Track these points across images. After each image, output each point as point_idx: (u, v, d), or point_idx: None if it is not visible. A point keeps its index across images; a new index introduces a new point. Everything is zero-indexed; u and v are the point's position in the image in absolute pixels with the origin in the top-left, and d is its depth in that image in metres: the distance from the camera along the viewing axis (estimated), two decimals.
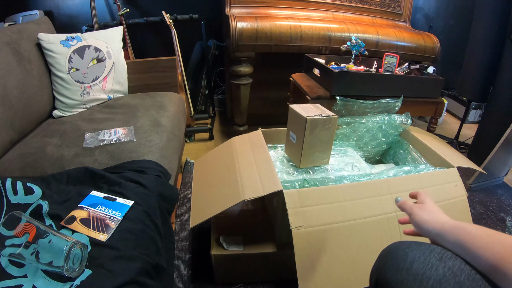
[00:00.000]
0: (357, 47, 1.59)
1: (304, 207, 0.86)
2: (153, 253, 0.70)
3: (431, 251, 0.47)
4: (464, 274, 0.43)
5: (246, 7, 1.72)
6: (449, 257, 0.46)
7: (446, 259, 0.45)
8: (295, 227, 0.83)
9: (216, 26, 2.20)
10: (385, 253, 0.53)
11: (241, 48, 1.57)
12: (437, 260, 0.45)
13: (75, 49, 1.26)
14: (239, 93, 1.71)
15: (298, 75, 1.75)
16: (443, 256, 0.46)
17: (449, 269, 0.44)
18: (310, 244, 0.84)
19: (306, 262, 0.83)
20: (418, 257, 0.47)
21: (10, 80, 1.04)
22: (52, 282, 0.59)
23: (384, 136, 1.34)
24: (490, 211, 1.44)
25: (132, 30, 2.08)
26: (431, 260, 0.46)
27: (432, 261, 0.45)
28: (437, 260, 0.45)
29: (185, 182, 1.57)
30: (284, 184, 0.96)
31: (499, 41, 1.62)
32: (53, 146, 0.99)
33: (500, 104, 1.62)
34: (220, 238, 1.01)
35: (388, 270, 0.49)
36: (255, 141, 1.15)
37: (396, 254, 0.50)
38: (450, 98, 2.65)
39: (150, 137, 1.06)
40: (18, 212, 0.64)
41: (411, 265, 0.46)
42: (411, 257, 0.47)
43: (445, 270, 0.44)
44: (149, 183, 0.85)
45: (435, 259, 0.46)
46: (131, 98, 1.36)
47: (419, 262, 0.46)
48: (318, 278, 0.83)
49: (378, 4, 1.95)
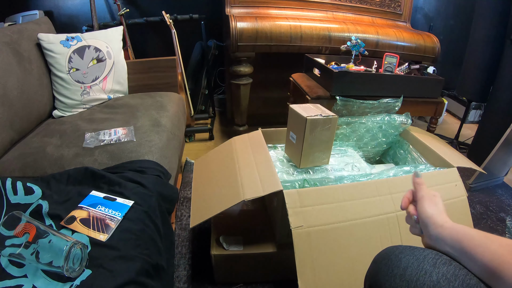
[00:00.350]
0: (357, 47, 1.59)
1: (304, 207, 0.86)
2: (153, 253, 0.70)
3: (424, 256, 0.47)
4: (459, 280, 0.42)
5: (246, 7, 1.72)
6: (443, 263, 0.45)
7: (440, 264, 0.45)
8: (295, 227, 0.83)
9: (216, 26, 2.20)
10: (378, 258, 0.53)
11: (241, 48, 1.57)
12: (431, 266, 0.45)
13: (75, 49, 1.26)
14: (239, 93, 1.71)
15: (298, 75, 1.75)
16: (437, 261, 0.46)
17: (443, 275, 0.43)
18: (310, 244, 0.84)
19: (306, 262, 0.83)
20: (411, 263, 0.46)
21: (10, 80, 1.04)
22: (52, 282, 0.59)
23: (384, 136, 1.34)
24: (490, 211, 1.44)
25: (132, 30, 2.08)
26: (425, 266, 0.45)
27: (425, 267, 0.45)
28: (430, 266, 0.45)
29: (185, 182, 1.57)
30: (284, 184, 0.96)
31: (499, 41, 1.62)
32: (53, 146, 0.99)
33: (500, 104, 1.62)
34: (220, 238, 1.01)
35: (381, 276, 0.49)
36: (255, 141, 1.15)
37: (390, 259, 0.49)
38: (450, 98, 2.65)
39: (150, 137, 1.06)
40: (18, 212, 0.64)
41: (405, 271, 0.46)
42: (405, 262, 0.47)
43: (439, 276, 0.43)
44: (149, 183, 0.85)
45: (429, 265, 0.45)
46: (131, 98, 1.36)
47: (413, 268, 0.46)
48: (318, 278, 0.83)
49: (378, 4, 1.95)
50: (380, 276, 0.49)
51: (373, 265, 0.54)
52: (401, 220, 0.91)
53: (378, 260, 0.53)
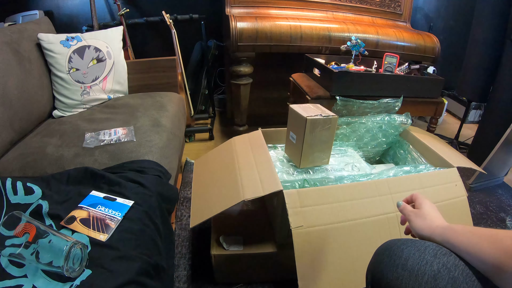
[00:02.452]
0: (357, 47, 1.59)
1: (304, 207, 0.86)
2: (153, 253, 0.70)
3: (426, 247, 0.48)
4: (459, 270, 0.44)
5: (246, 7, 1.72)
6: (443, 254, 0.46)
7: (440, 255, 0.46)
8: (295, 227, 0.83)
9: (216, 26, 2.20)
10: (380, 250, 0.54)
11: (241, 48, 1.57)
12: (432, 256, 0.46)
13: (75, 49, 1.26)
14: (239, 93, 1.71)
15: (298, 75, 1.75)
16: (438, 252, 0.47)
17: (444, 265, 0.44)
18: (310, 244, 0.84)
19: (306, 262, 0.83)
20: (413, 254, 0.48)
21: (10, 80, 1.04)
22: (52, 282, 0.59)
23: (384, 136, 1.34)
24: (490, 211, 1.44)
25: (132, 30, 2.08)
26: (426, 257, 0.46)
27: (426, 258, 0.46)
28: (431, 257, 0.46)
29: (185, 182, 1.57)
30: (284, 184, 0.96)
31: (499, 41, 1.61)
32: (53, 146, 0.99)
33: (500, 104, 1.62)
34: (220, 238, 1.01)
35: (383, 267, 0.50)
36: (255, 141, 1.15)
37: (392, 251, 0.51)
38: (450, 98, 2.64)
39: (150, 137, 1.06)
40: (18, 212, 0.64)
41: (406, 262, 0.47)
42: (406, 253, 0.48)
43: (439, 266, 0.45)
44: (149, 183, 0.85)
45: (430, 256, 0.46)
46: (131, 98, 1.36)
47: (414, 258, 0.47)
48: (318, 278, 0.83)
49: (378, 4, 1.95)
50: (382, 266, 0.50)
51: (375, 257, 0.55)
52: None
53: (380, 252, 0.54)
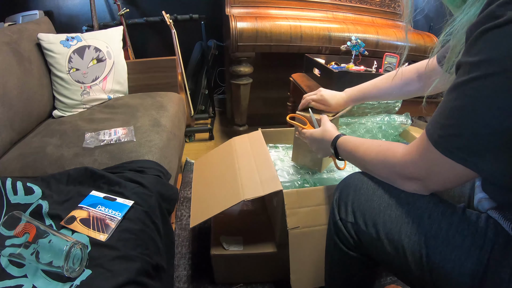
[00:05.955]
0: (357, 47, 1.59)
1: (302, 207, 0.86)
2: (153, 253, 0.70)
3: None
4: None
5: (246, 7, 1.72)
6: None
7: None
8: (291, 228, 0.83)
9: (216, 26, 2.20)
10: (344, 181, 0.71)
11: (241, 48, 1.57)
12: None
13: (75, 49, 1.26)
14: (239, 93, 1.71)
15: (298, 75, 1.75)
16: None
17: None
18: (306, 244, 0.85)
19: (300, 259, 0.84)
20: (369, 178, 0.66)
21: (10, 80, 1.04)
22: (52, 282, 0.59)
23: (384, 137, 1.34)
24: None
25: (132, 30, 2.08)
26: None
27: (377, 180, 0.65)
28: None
29: (185, 182, 1.57)
30: (284, 184, 0.96)
31: None
32: (53, 146, 0.99)
33: None
34: (220, 238, 1.01)
35: (347, 181, 0.69)
36: (255, 141, 1.15)
37: (354, 176, 0.69)
38: None
39: (150, 137, 1.06)
40: (18, 212, 0.64)
41: (367, 178, 0.66)
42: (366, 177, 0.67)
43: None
44: (149, 183, 0.85)
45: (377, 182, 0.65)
46: (131, 98, 1.36)
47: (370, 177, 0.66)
48: (310, 274, 0.83)
49: (378, 4, 1.95)
50: (346, 181, 0.69)
51: (338, 187, 0.71)
52: None
53: (343, 182, 0.70)
